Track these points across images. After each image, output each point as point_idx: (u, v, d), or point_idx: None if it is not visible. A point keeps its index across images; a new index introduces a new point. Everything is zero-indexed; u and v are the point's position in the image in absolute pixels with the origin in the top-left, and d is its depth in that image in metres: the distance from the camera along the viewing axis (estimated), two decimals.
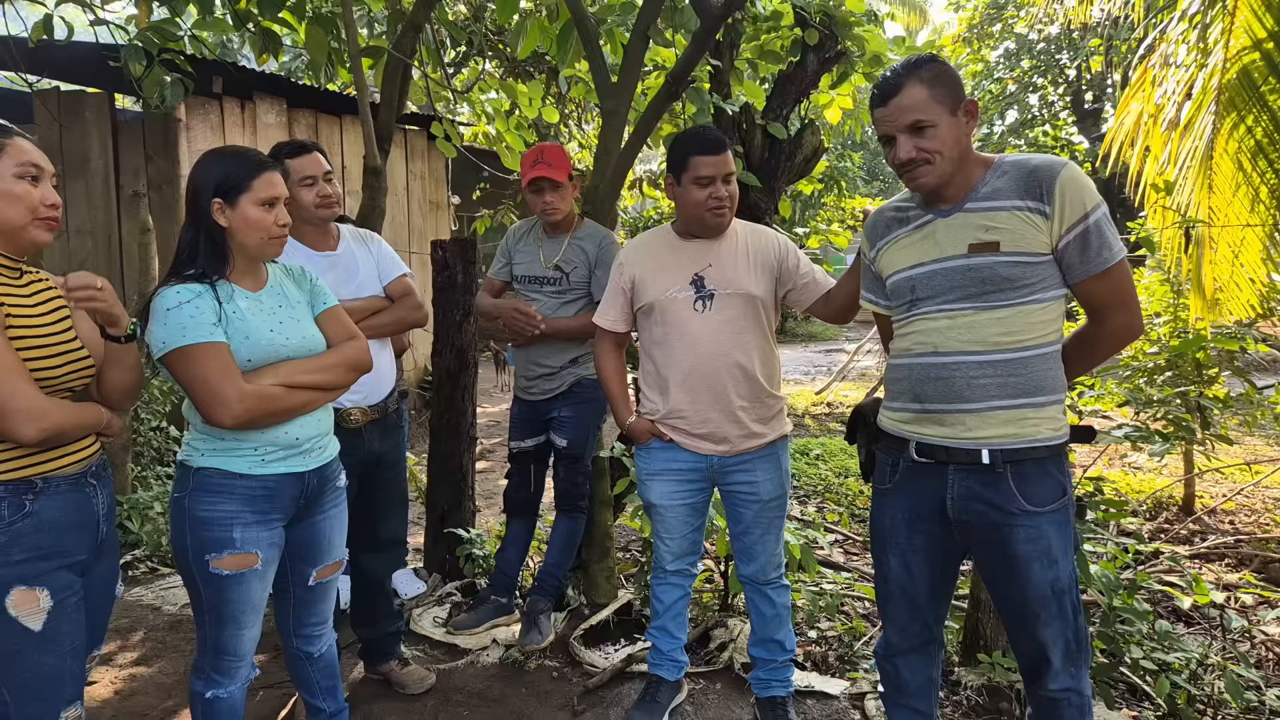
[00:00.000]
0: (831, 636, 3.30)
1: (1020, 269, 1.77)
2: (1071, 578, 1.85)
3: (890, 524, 2.03)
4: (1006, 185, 1.80)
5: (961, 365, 1.82)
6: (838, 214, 6.28)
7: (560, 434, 3.10)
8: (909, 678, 2.11)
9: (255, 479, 1.94)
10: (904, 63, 1.84)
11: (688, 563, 2.65)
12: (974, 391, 1.81)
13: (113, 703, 2.84)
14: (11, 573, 1.61)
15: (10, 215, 1.65)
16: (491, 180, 8.33)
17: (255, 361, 1.91)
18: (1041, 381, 1.81)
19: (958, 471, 1.86)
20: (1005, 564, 1.86)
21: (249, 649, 2.06)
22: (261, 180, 1.93)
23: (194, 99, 6.36)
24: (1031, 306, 1.79)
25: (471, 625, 3.19)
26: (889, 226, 1.99)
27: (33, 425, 1.58)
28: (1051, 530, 1.82)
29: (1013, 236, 1.77)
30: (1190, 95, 4.91)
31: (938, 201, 1.89)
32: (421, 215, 8.72)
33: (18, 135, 1.69)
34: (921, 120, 1.79)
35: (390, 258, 2.83)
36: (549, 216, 3.02)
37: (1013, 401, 1.80)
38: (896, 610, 2.07)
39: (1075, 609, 1.86)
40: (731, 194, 2.41)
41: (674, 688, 2.73)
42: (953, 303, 1.84)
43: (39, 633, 1.63)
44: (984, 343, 1.81)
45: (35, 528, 1.65)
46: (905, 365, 1.94)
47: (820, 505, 5.12)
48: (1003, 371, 1.80)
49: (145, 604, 3.66)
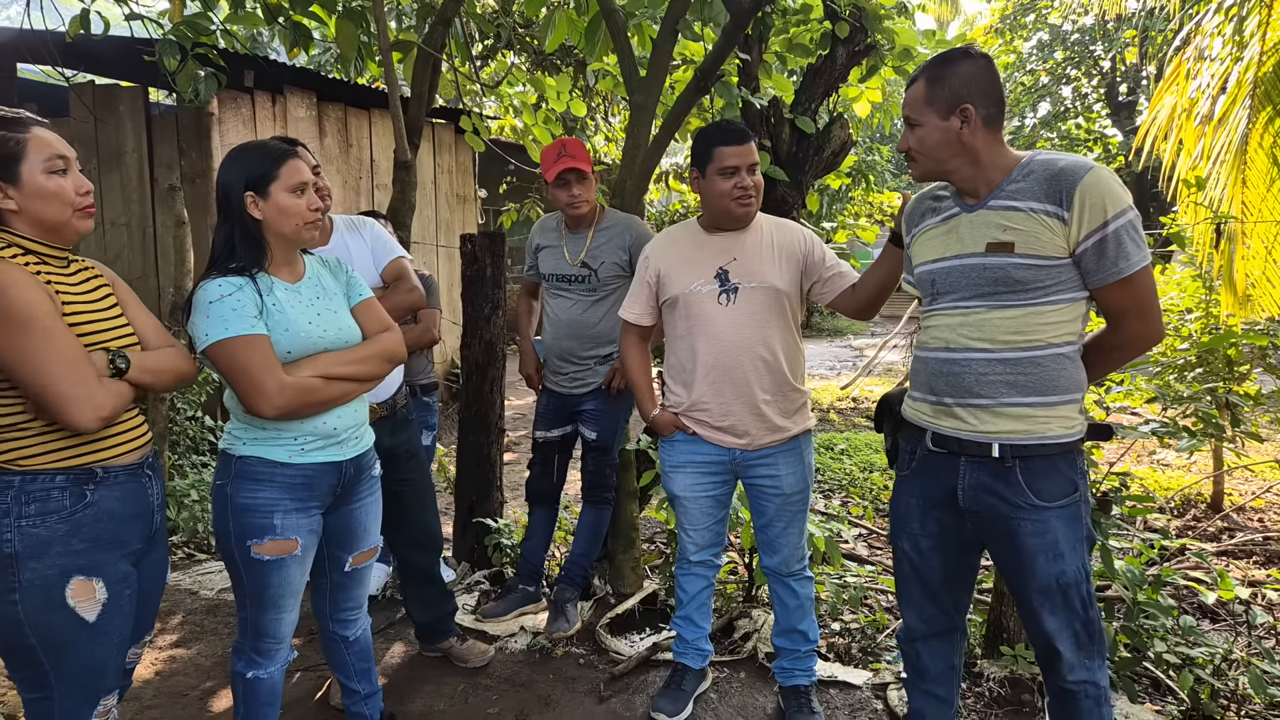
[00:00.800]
0: (854, 628, 3.32)
1: (1034, 271, 1.77)
2: (1081, 572, 1.86)
3: (905, 509, 2.07)
4: (1029, 186, 1.80)
5: (971, 362, 1.85)
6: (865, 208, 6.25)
7: (590, 426, 3.14)
8: (929, 663, 2.14)
9: (295, 467, 1.98)
10: (936, 56, 1.88)
11: (711, 554, 2.68)
12: (984, 387, 1.84)
13: (153, 683, 2.92)
14: (72, 562, 1.64)
15: (51, 213, 1.67)
16: (518, 174, 8.38)
17: (295, 353, 1.95)
18: (1054, 381, 1.81)
19: (969, 463, 1.89)
20: (1013, 556, 1.89)
21: (288, 632, 2.12)
22: (288, 167, 1.97)
23: (226, 93, 6.45)
24: (1045, 308, 1.79)
25: (500, 613, 3.25)
26: (924, 215, 2.02)
27: (95, 414, 1.61)
28: (1059, 525, 1.83)
29: (1028, 239, 1.77)
30: (1225, 89, 4.85)
31: (966, 195, 1.91)
32: (449, 209, 8.79)
33: (35, 124, 1.69)
34: (910, 118, 1.89)
35: (384, 241, 2.76)
36: (576, 209, 3.03)
37: (1023, 399, 1.82)
38: (911, 592, 2.12)
39: (1085, 602, 1.87)
40: (756, 184, 2.42)
41: (699, 676, 2.77)
42: (967, 300, 1.87)
43: (92, 624, 1.66)
44: (993, 340, 1.83)
45: (96, 517, 1.68)
46: (923, 359, 1.98)
47: (845, 500, 5.13)
48: (1013, 369, 1.82)
49: (183, 589, 3.75)
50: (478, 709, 2.74)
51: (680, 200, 6.08)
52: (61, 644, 1.64)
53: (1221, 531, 4.56)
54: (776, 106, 3.49)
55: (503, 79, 5.19)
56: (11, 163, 1.62)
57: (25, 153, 1.63)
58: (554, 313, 3.18)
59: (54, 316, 1.59)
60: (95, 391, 1.62)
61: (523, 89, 5.48)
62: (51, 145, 1.67)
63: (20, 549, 1.59)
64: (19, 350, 1.50)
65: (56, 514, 1.62)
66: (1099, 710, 1.90)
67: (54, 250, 1.71)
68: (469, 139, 5.14)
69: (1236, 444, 4.31)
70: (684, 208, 5.70)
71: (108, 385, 1.66)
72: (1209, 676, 2.68)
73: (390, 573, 3.61)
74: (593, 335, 3.10)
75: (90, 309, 1.73)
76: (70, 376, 1.58)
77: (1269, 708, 2.67)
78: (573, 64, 4.81)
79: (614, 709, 2.74)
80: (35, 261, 1.67)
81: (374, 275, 2.68)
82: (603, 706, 2.75)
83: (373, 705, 2.43)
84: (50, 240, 1.70)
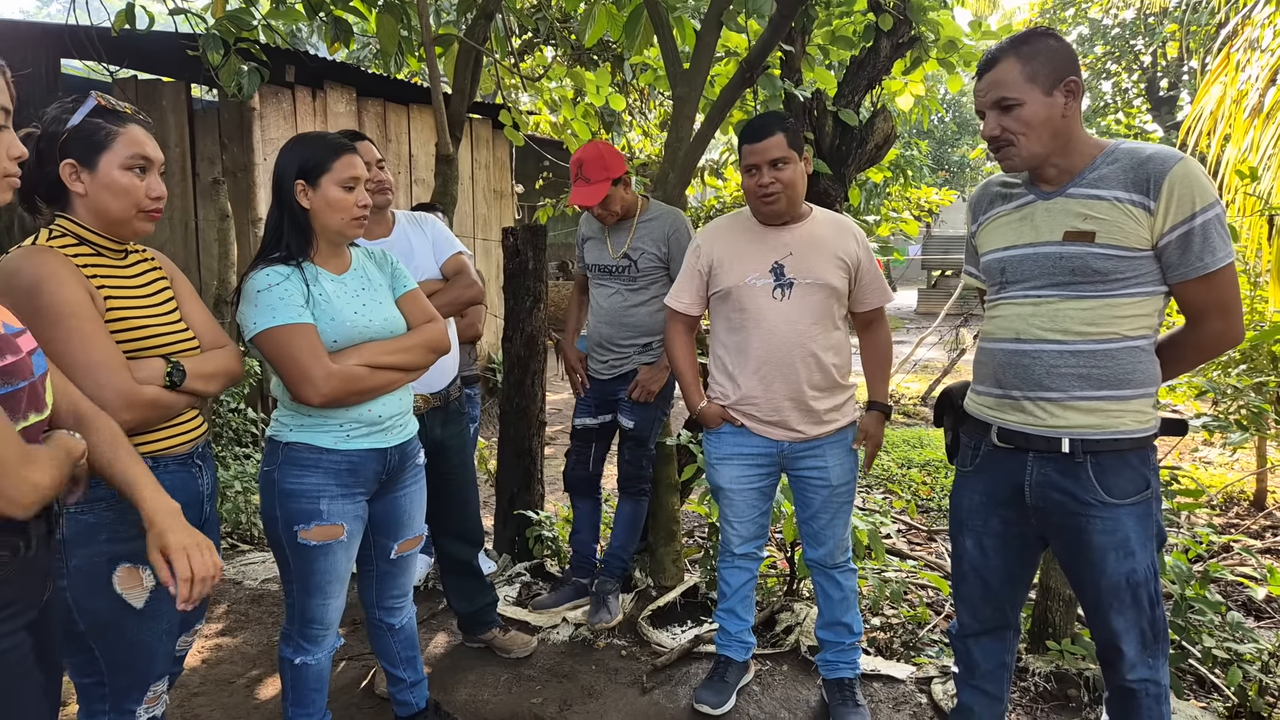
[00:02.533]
0: (896, 623, 3.30)
1: (1114, 262, 1.72)
2: (1150, 570, 1.82)
3: (968, 506, 2.04)
4: (1114, 174, 1.74)
5: (1042, 353, 1.80)
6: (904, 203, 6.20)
7: (628, 415, 3.15)
8: (980, 659, 2.12)
9: (340, 454, 2.01)
10: (1012, 36, 1.80)
11: (755, 546, 2.68)
12: (1054, 380, 1.79)
13: (200, 671, 2.97)
14: (120, 549, 1.64)
15: (115, 208, 1.66)
16: (553, 169, 8.40)
17: (340, 342, 1.98)
18: (1129, 374, 1.76)
19: (1037, 458, 1.85)
20: (1080, 553, 1.85)
21: (334, 618, 2.15)
22: (341, 162, 2.00)
23: (267, 88, 6.52)
24: (1122, 300, 1.74)
25: (552, 605, 3.27)
26: (992, 202, 1.97)
27: (117, 417, 1.54)
28: (1130, 522, 1.79)
29: (1110, 228, 1.72)
30: (1275, 81, 4.74)
31: (1041, 183, 1.86)
32: (486, 204, 8.83)
33: (133, 121, 1.70)
34: (1008, 98, 1.75)
35: (445, 237, 2.82)
36: (603, 221, 3.09)
37: (1095, 393, 1.77)
38: (969, 591, 2.08)
39: (1153, 600, 1.83)
40: (782, 179, 2.36)
41: (741, 668, 2.77)
42: (1040, 289, 1.81)
43: (140, 610, 1.67)
44: (1066, 332, 1.78)
45: None
46: (989, 350, 1.93)
47: (885, 495, 5.10)
48: (1085, 362, 1.77)
49: (227, 578, 3.80)
50: (521, 699, 2.76)
51: (716, 196, 6.07)
52: (110, 630, 1.65)
53: (1265, 530, 4.48)
54: (819, 99, 3.47)
55: (545, 72, 5.20)
56: (95, 150, 1.64)
57: (112, 144, 1.64)
58: (598, 302, 3.20)
59: (89, 316, 1.58)
60: (121, 398, 1.57)
61: (560, 84, 5.49)
62: (140, 144, 1.68)
63: (68, 535, 1.59)
64: (50, 344, 1.48)
65: (104, 501, 1.62)
66: (1159, 709, 1.87)
67: (111, 243, 1.71)
68: (508, 133, 5.16)
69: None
70: (720, 204, 5.68)
71: (141, 393, 1.62)
72: (1257, 673, 2.64)
73: (432, 564, 3.65)
74: (632, 324, 3.10)
75: (143, 304, 1.73)
76: (95, 380, 1.55)
77: None
78: (610, 59, 4.81)
79: (657, 700, 2.74)
80: (90, 253, 1.66)
81: (434, 269, 2.73)
82: (645, 698, 2.76)
83: (418, 693, 2.46)
84: (109, 233, 1.70)
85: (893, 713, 2.68)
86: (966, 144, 27.57)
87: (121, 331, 1.66)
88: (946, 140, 28.72)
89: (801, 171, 2.42)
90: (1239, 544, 3.11)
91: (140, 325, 1.70)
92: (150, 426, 1.69)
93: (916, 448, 6.19)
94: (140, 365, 1.66)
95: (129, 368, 1.62)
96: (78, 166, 1.63)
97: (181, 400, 1.73)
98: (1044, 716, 2.62)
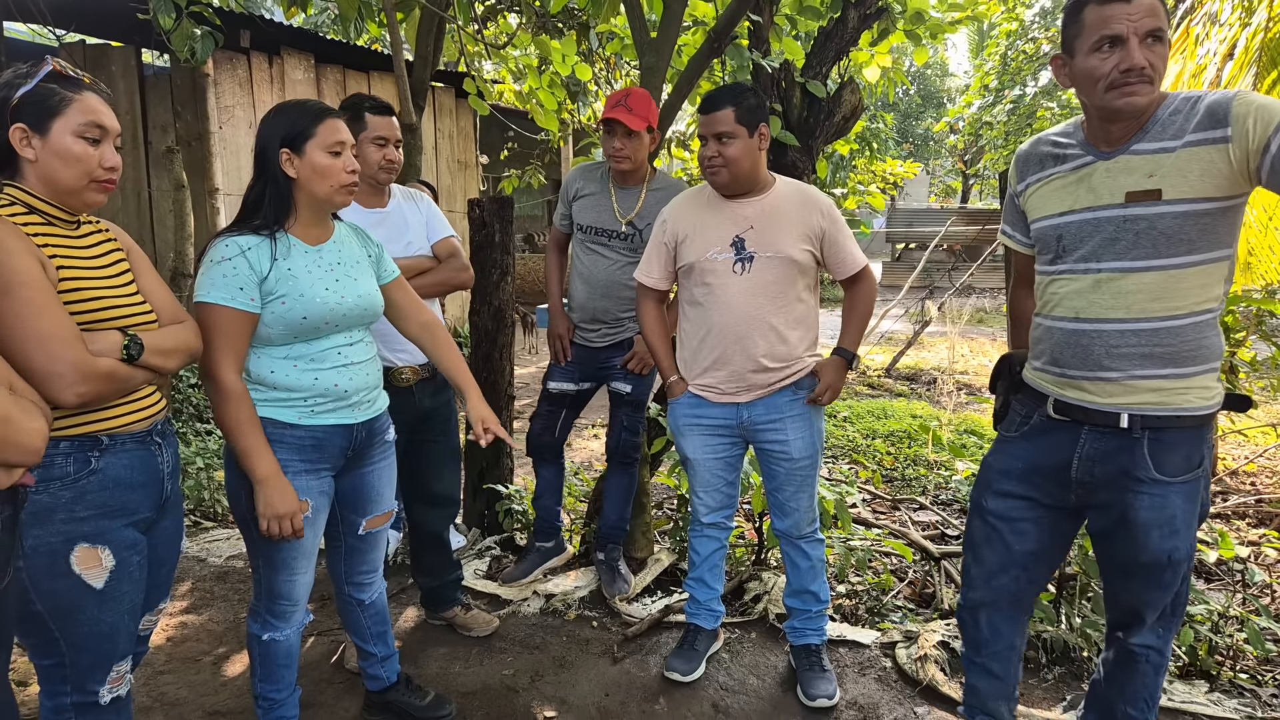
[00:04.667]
0: (861, 590, 3.36)
1: (1181, 220, 1.61)
2: (1190, 549, 1.76)
3: (1001, 469, 1.97)
4: (1180, 122, 1.61)
5: (1103, 334, 1.71)
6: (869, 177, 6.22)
7: (624, 381, 3.10)
8: (988, 635, 2.05)
9: (305, 429, 1.99)
10: None
11: (723, 516, 2.71)
12: (1115, 360, 1.71)
13: (165, 649, 2.93)
14: (77, 529, 1.61)
15: (66, 176, 1.60)
16: (519, 140, 8.29)
17: (311, 319, 1.94)
18: (1194, 350, 1.67)
19: (1092, 431, 1.78)
20: (1124, 528, 1.78)
21: (302, 594, 2.14)
22: (325, 126, 1.96)
23: (221, 53, 6.35)
24: (1189, 270, 1.64)
25: (519, 576, 3.26)
26: (1042, 163, 1.83)
27: (70, 390, 1.51)
28: (1178, 500, 1.73)
29: (1179, 182, 1.60)
30: (1233, 55, 4.82)
31: (1100, 142, 1.73)
32: (450, 174, 8.72)
33: (89, 90, 1.64)
34: (1160, 28, 1.57)
35: (439, 218, 2.85)
36: (616, 164, 2.94)
37: (1157, 371, 1.68)
38: (985, 556, 2.00)
39: (1185, 579, 1.79)
40: (725, 153, 2.36)
41: (711, 636, 2.81)
42: (1101, 260, 1.70)
43: (100, 590, 1.64)
44: (1129, 309, 1.68)
45: (101, 485, 1.64)
46: (1045, 327, 1.85)
47: (851, 465, 5.17)
48: (1148, 341, 1.68)
49: (192, 556, 3.76)
50: (493, 670, 2.77)
51: (682, 168, 6.04)
52: (69, 610, 1.62)
53: (1216, 495, 4.63)
54: (788, 70, 3.45)
55: (510, 40, 5.11)
56: (47, 116, 1.58)
57: (65, 111, 1.59)
58: (589, 269, 3.07)
59: (41, 286, 1.51)
60: (74, 370, 1.51)
61: (525, 52, 5.41)
62: (95, 113, 1.62)
63: (24, 515, 1.54)
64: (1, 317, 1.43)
65: (60, 480, 1.58)
66: (1156, 678, 1.88)
67: (63, 212, 1.65)
68: (473, 102, 5.07)
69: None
70: (687, 175, 5.66)
71: (95, 365, 1.56)
72: (1207, 633, 2.75)
73: (401, 539, 3.63)
74: (630, 297, 3.03)
75: (97, 275, 1.67)
76: (48, 352, 1.48)
77: (1262, 663, 2.75)
78: (576, 26, 4.74)
79: (628, 669, 2.77)
80: (40, 222, 1.60)
81: (426, 246, 2.77)
82: (616, 667, 2.79)
83: (389, 667, 2.46)
84: (60, 203, 1.64)
85: (858, 676, 2.73)
86: (931, 117, 27.76)
87: (75, 304, 1.59)
88: (912, 113, 28.89)
89: (750, 147, 2.38)
90: None
91: (95, 297, 1.63)
92: (106, 401, 1.63)
93: (881, 419, 6.27)
94: (96, 338, 1.59)
95: (83, 339, 1.56)
96: (28, 131, 1.57)
97: (139, 375, 1.67)
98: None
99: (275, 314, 1.92)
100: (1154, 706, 1.93)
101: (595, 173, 3.10)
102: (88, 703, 1.71)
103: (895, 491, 4.72)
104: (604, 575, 3.23)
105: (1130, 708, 1.92)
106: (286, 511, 1.93)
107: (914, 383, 8.20)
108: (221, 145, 6.34)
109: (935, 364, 8.95)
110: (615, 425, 3.21)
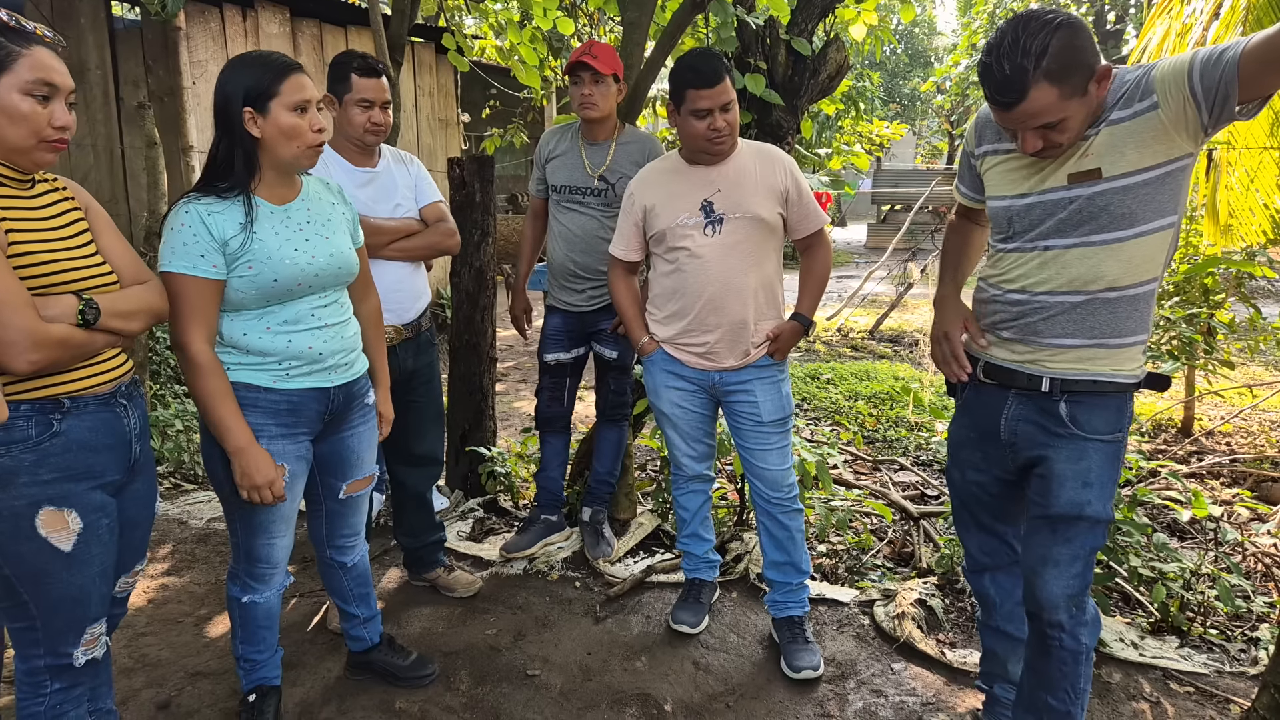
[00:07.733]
0: (841, 550, 3.40)
1: (1124, 195, 1.66)
2: (1103, 515, 1.79)
3: (956, 439, 2.08)
4: (1108, 100, 1.66)
5: (1045, 305, 1.78)
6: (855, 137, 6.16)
7: (609, 345, 3.11)
8: (996, 596, 2.12)
9: (279, 393, 1.96)
10: (1020, 51, 1.57)
11: (705, 468, 2.74)
12: (1048, 327, 1.79)
13: (147, 610, 2.93)
14: (41, 492, 1.58)
15: (12, 135, 1.53)
16: (501, 98, 8.15)
17: (282, 281, 1.90)
18: (1123, 324, 1.75)
19: (1017, 395, 1.87)
20: (1040, 481, 1.85)
21: (281, 557, 2.13)
22: (289, 84, 1.88)
23: (194, 6, 6.19)
24: (1132, 242, 1.69)
25: (524, 546, 3.21)
26: (999, 134, 1.85)
27: (22, 358, 1.48)
28: (1096, 457, 1.78)
29: (1116, 158, 1.65)
30: (1218, 15, 4.79)
31: None
32: (430, 133, 8.57)
33: (40, 45, 1.56)
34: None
35: (427, 181, 2.81)
36: (586, 111, 2.91)
37: (1085, 341, 1.76)
38: (966, 521, 2.12)
39: (1091, 551, 1.80)
40: (730, 122, 2.39)
41: (713, 587, 2.89)
42: (1049, 238, 1.76)
43: (68, 554, 1.62)
44: (1071, 284, 1.75)
45: (64, 448, 1.60)
46: (992, 295, 1.90)
47: (833, 427, 5.20)
48: (1084, 313, 1.75)
49: (172, 518, 3.75)
50: (476, 630, 2.79)
51: (668, 127, 5.96)
52: (38, 574, 1.61)
53: (1191, 455, 4.69)
54: (772, 27, 3.39)
55: None
56: None
57: (12, 66, 1.51)
58: (566, 228, 3.06)
59: None
60: (26, 337, 1.47)
61: (506, 6, 5.29)
62: (45, 69, 1.54)
63: None
64: None
65: (21, 444, 1.55)
66: (1076, 668, 1.84)
67: (14, 172, 1.59)
68: (452, 58, 4.97)
69: (1209, 370, 4.45)
70: (672, 135, 5.59)
71: (48, 331, 1.51)
72: (1179, 590, 2.80)
73: (385, 501, 3.63)
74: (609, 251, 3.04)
75: (51, 237, 1.61)
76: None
77: (1232, 618, 2.81)
78: None
79: (610, 629, 2.80)
80: None
81: (414, 209, 2.74)
82: (599, 627, 2.81)
83: (372, 629, 2.47)
84: (9, 162, 1.58)
85: (837, 634, 2.77)
86: (918, 77, 27.53)
87: (26, 267, 1.54)
88: (899, 72, 28.63)
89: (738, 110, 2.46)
90: (1166, 469, 3.25)
91: (48, 260, 1.58)
92: (62, 367, 1.59)
93: (864, 380, 6.30)
94: (49, 303, 1.55)
95: (34, 305, 1.51)
96: None
97: (98, 339, 1.63)
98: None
99: (245, 279, 1.88)
100: (1078, 699, 1.87)
101: (566, 133, 3.11)
102: (61, 665, 1.71)
103: (877, 453, 4.76)
104: (587, 538, 3.24)
105: (1051, 697, 1.87)
106: (264, 480, 1.92)
107: (897, 345, 8.24)
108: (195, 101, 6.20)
109: (918, 326, 8.99)
110: (603, 388, 3.23)
